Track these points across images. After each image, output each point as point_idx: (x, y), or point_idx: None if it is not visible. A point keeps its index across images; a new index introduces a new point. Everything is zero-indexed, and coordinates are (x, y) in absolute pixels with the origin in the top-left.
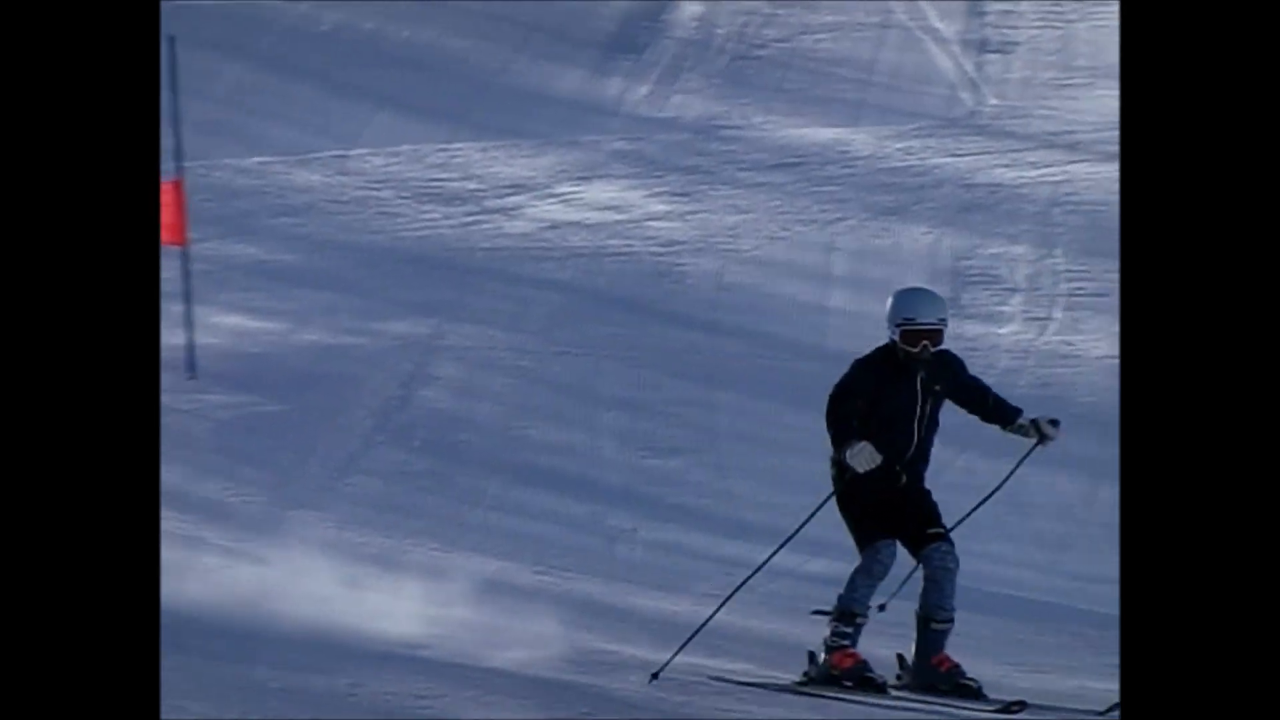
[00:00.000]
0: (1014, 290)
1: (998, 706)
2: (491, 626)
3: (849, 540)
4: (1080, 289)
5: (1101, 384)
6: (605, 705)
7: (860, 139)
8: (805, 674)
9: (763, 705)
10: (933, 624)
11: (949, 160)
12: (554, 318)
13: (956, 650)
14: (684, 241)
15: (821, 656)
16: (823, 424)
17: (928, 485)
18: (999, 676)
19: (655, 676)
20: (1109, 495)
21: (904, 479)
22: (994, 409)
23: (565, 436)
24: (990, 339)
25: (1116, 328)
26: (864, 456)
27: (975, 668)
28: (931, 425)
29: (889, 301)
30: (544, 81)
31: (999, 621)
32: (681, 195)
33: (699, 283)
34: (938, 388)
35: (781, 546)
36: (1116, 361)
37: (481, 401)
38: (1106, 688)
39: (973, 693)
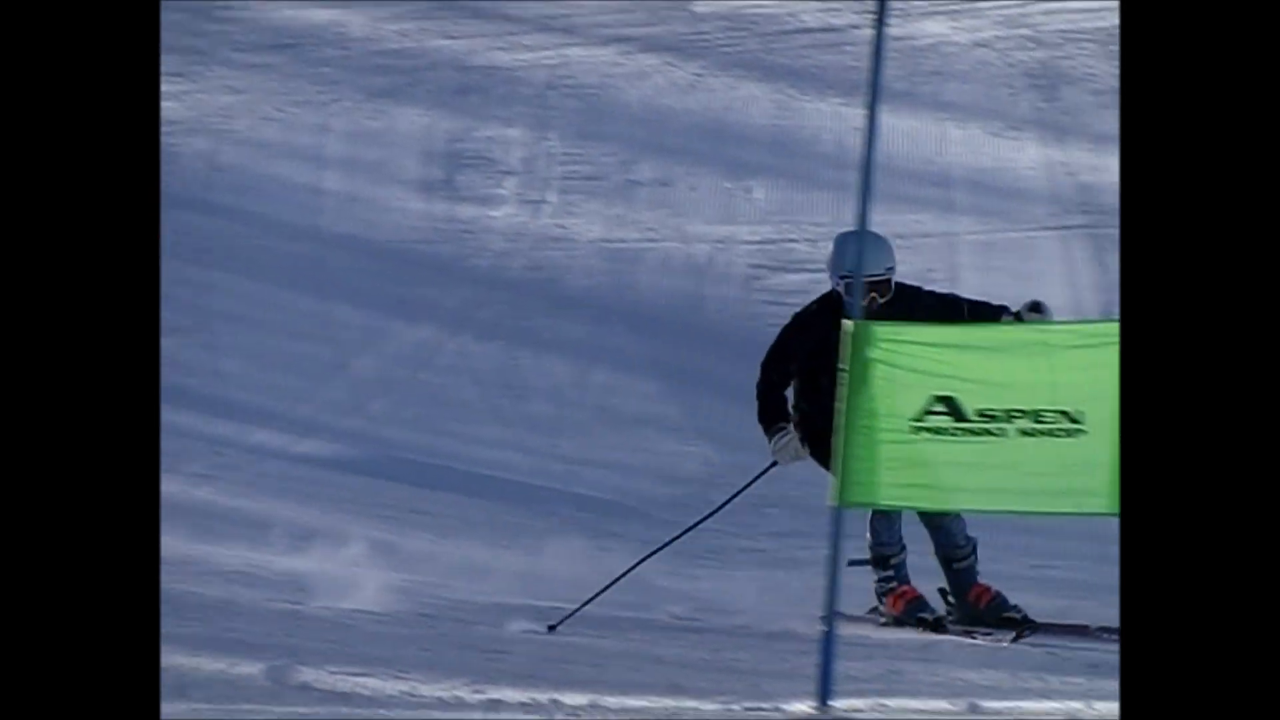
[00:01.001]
0: (508, 173)
1: (1012, 634)
2: None
3: (340, 423)
4: (574, 172)
5: (595, 267)
6: None
7: (356, 21)
8: (877, 610)
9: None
10: (954, 564)
11: (445, 43)
12: None
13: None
14: (178, 121)
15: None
16: (321, 305)
17: None
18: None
19: (553, 629)
20: (601, 378)
21: None
22: (973, 317)
23: None
24: (484, 222)
25: (611, 210)
26: (789, 451)
27: (468, 551)
28: None
29: (830, 249)
30: None
31: (490, 505)
32: (176, 75)
33: (193, 163)
34: None
35: (725, 504)
36: (610, 245)
37: None
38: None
39: (1017, 624)
